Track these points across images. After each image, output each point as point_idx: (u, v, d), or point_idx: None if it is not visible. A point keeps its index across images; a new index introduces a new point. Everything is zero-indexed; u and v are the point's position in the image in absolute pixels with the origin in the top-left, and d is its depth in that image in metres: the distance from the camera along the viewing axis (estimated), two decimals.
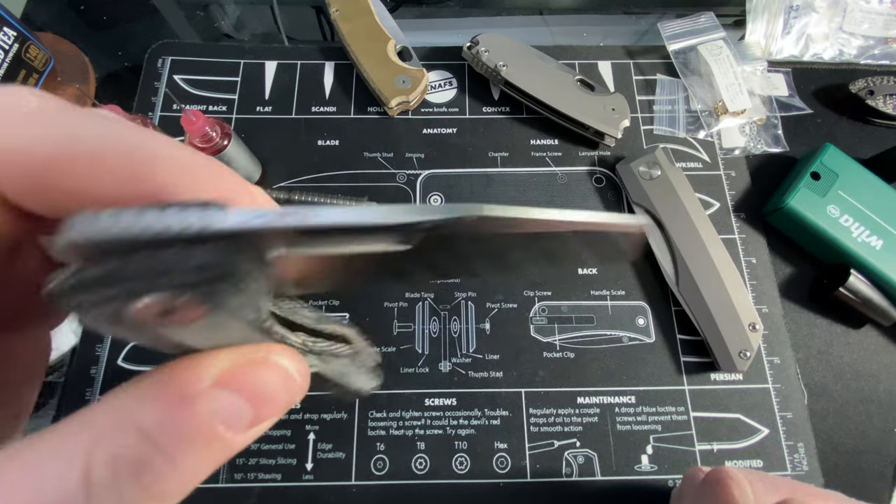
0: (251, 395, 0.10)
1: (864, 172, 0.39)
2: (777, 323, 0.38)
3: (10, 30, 0.37)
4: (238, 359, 0.10)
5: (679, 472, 0.34)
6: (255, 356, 0.10)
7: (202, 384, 0.09)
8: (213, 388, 0.09)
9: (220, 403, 0.09)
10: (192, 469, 0.09)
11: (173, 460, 0.09)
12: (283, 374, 0.11)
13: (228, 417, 0.09)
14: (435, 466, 0.34)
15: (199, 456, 0.09)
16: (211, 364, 0.10)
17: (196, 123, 0.34)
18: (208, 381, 0.09)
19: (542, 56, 0.43)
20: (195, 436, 0.09)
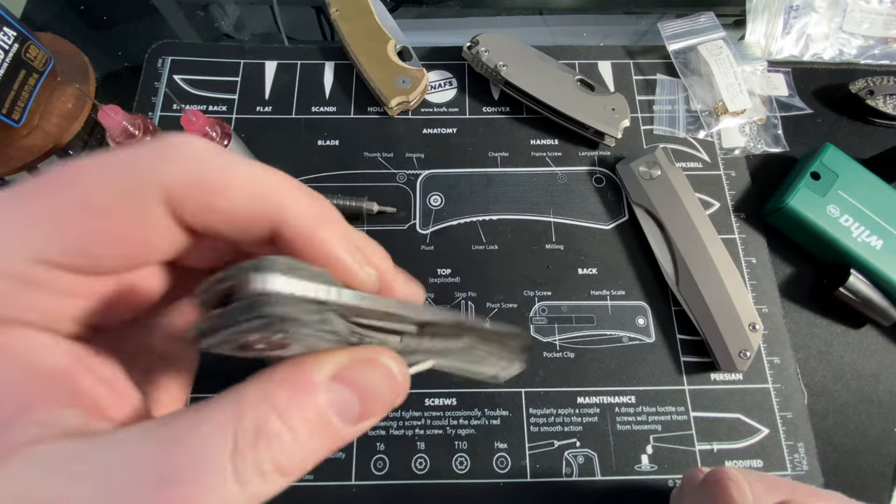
0: (361, 391, 0.12)
1: (864, 172, 0.39)
2: (777, 323, 0.38)
3: (10, 30, 0.37)
4: (351, 357, 0.12)
5: (679, 472, 0.34)
6: (365, 356, 0.12)
7: (322, 375, 0.11)
8: (330, 380, 0.11)
9: (335, 394, 0.11)
10: (310, 448, 0.11)
11: (298, 437, 0.11)
12: (388, 373, 0.12)
13: (341, 408, 0.11)
14: (435, 466, 0.34)
15: (315, 437, 0.11)
16: (329, 360, 0.12)
17: (196, 123, 0.34)
18: (327, 373, 0.11)
19: (542, 56, 0.43)
20: (314, 418, 0.11)
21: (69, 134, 0.42)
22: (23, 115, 0.39)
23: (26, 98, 0.39)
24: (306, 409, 0.11)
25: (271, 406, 0.10)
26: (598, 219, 0.41)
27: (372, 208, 0.39)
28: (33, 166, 0.42)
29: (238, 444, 0.10)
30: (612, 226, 0.40)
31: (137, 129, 0.34)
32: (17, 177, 0.42)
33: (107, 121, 0.33)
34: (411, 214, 0.40)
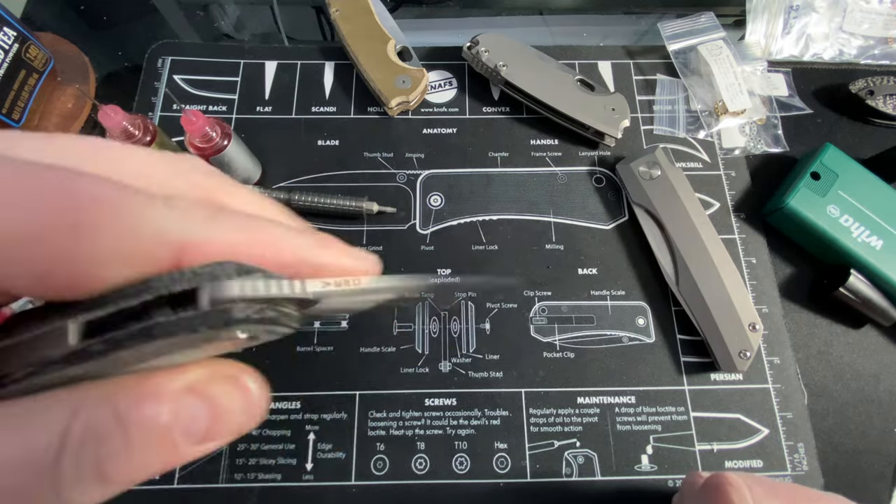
0: (213, 408, 0.10)
1: (864, 172, 0.39)
2: (777, 323, 0.38)
3: (10, 30, 0.37)
4: (211, 372, 0.11)
5: (679, 472, 0.34)
6: (227, 373, 0.11)
7: (175, 386, 0.10)
8: (183, 391, 0.10)
9: (182, 406, 0.10)
10: (139, 460, 0.10)
11: (129, 445, 0.09)
12: (247, 395, 0.11)
13: (186, 423, 0.10)
14: (435, 466, 0.34)
15: (149, 450, 0.10)
16: (189, 372, 0.10)
17: (196, 123, 0.34)
18: (181, 385, 0.10)
19: (542, 56, 0.43)
20: (152, 429, 0.10)
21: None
22: (23, 115, 0.39)
23: (26, 98, 0.39)
24: (147, 416, 0.10)
25: (111, 410, 0.09)
26: (598, 219, 0.41)
27: (372, 208, 0.39)
28: None
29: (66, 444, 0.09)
30: (612, 226, 0.40)
31: (137, 129, 0.34)
32: None
33: (107, 121, 0.33)
34: (411, 214, 0.40)
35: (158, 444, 0.10)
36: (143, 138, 0.35)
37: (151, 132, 0.35)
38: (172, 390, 0.10)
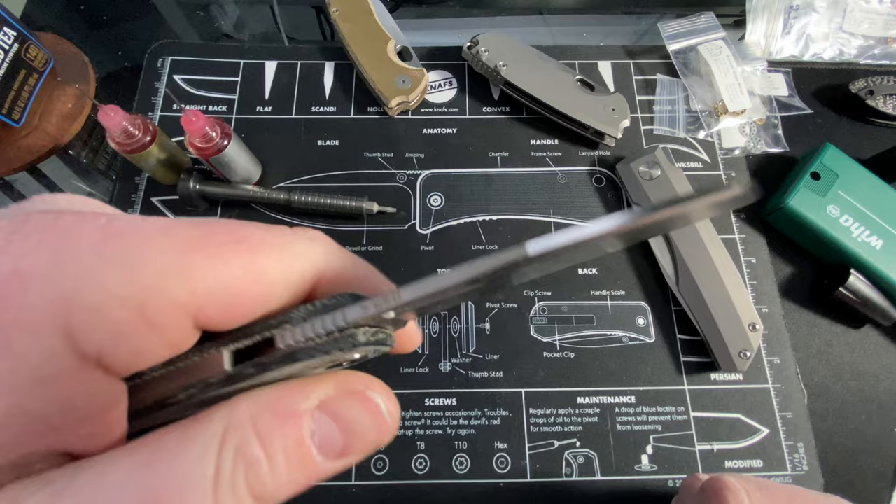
0: (344, 426, 0.11)
1: (864, 172, 0.39)
2: (777, 323, 0.38)
3: (10, 30, 0.37)
4: (340, 388, 0.11)
5: (679, 472, 0.34)
6: (354, 388, 0.12)
7: (308, 404, 0.11)
8: (316, 410, 0.11)
9: (319, 426, 0.11)
10: (286, 479, 0.10)
11: (276, 467, 0.10)
12: (376, 412, 0.12)
13: (323, 441, 0.11)
14: (435, 466, 0.34)
15: (294, 468, 0.10)
16: (317, 388, 0.11)
17: (196, 123, 0.34)
18: (314, 403, 0.11)
19: (542, 56, 0.43)
20: (295, 448, 0.10)
21: (69, 134, 0.42)
22: (23, 115, 0.39)
23: (26, 98, 0.39)
24: (289, 437, 0.10)
25: (255, 431, 0.10)
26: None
27: (372, 208, 0.39)
28: (33, 166, 0.42)
29: (220, 469, 0.10)
30: None
31: (137, 129, 0.34)
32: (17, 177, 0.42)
33: (107, 121, 0.33)
34: (411, 214, 0.40)
35: (301, 462, 0.10)
36: (143, 138, 0.35)
37: (151, 132, 0.35)
38: (307, 409, 0.11)
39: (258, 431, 0.10)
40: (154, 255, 0.10)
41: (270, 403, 0.11)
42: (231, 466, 0.10)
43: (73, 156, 0.43)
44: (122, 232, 0.10)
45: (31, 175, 0.42)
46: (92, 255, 0.09)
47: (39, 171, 0.43)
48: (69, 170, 0.43)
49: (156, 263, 0.10)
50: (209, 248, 0.11)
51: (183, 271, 0.10)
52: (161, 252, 0.10)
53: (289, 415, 0.10)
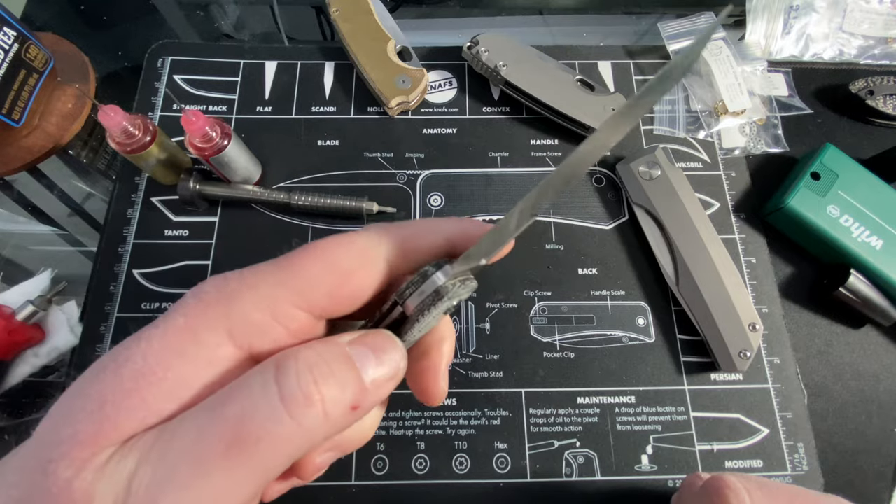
0: (371, 346, 0.15)
1: (864, 172, 0.39)
2: (777, 323, 0.38)
3: (10, 30, 0.37)
4: (364, 332, 0.16)
5: (679, 472, 0.34)
6: (373, 332, 0.16)
7: (344, 340, 0.15)
8: (350, 342, 0.15)
9: (353, 348, 0.15)
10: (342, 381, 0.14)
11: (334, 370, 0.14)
12: (390, 336, 0.16)
13: (359, 355, 0.15)
14: (435, 466, 0.34)
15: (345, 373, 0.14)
16: (348, 334, 0.16)
17: (196, 123, 0.34)
18: (346, 339, 0.16)
19: (542, 56, 0.43)
20: (342, 356, 0.15)
21: (69, 134, 0.42)
22: (23, 115, 0.39)
23: (26, 98, 0.39)
24: (332, 347, 0.15)
25: (305, 347, 0.14)
26: (598, 219, 0.41)
27: (372, 208, 0.39)
28: (33, 166, 0.42)
29: (280, 371, 0.13)
30: (612, 226, 0.40)
31: (137, 129, 0.34)
32: (17, 177, 0.42)
33: (107, 121, 0.33)
34: (411, 214, 0.40)
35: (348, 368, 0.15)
36: (143, 138, 0.35)
37: (151, 132, 0.35)
38: (346, 341, 0.15)
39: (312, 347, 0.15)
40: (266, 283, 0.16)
41: (312, 343, 0.15)
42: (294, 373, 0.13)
43: (73, 156, 0.43)
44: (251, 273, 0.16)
45: (31, 175, 0.42)
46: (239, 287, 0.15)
47: (39, 171, 0.43)
48: (69, 170, 0.43)
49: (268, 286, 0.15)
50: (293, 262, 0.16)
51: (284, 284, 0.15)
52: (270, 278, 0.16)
53: (331, 342, 0.15)
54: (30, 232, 0.42)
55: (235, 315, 0.15)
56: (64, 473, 0.12)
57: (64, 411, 0.14)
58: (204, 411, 0.13)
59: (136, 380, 0.13)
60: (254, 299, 0.15)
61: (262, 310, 0.15)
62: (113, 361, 0.14)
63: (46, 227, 0.42)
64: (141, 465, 0.12)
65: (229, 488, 0.12)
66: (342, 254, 0.16)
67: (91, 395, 0.13)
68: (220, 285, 0.15)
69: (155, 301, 0.37)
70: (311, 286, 0.16)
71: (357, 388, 0.14)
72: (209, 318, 0.15)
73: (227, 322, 0.15)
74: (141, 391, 0.13)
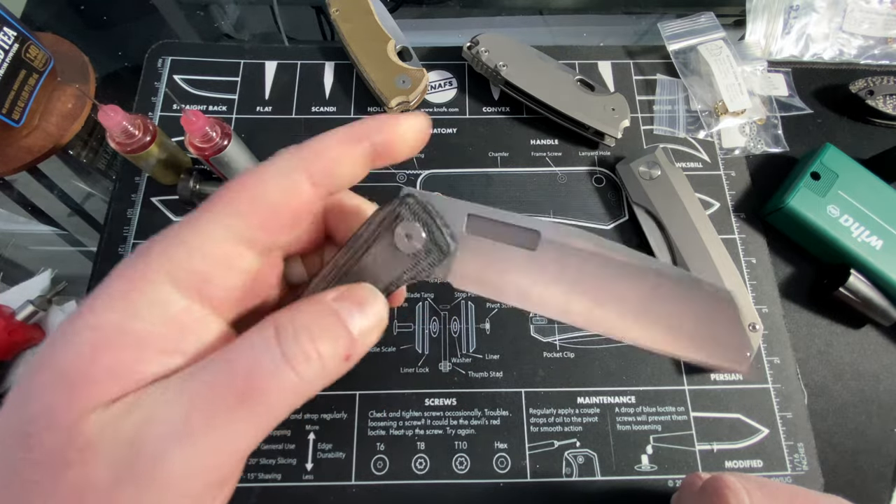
0: (353, 299, 0.16)
1: (864, 172, 0.39)
2: (777, 323, 0.38)
3: (10, 30, 0.37)
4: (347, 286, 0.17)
5: (679, 472, 0.34)
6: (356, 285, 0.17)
7: (331, 295, 0.16)
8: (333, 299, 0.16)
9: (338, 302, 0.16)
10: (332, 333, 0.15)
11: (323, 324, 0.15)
12: (371, 288, 0.17)
13: (343, 307, 0.16)
14: (435, 466, 0.34)
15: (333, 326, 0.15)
16: (332, 290, 0.17)
17: (196, 123, 0.34)
18: (334, 294, 0.16)
19: (542, 56, 0.43)
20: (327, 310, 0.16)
21: (69, 134, 0.42)
22: (23, 115, 0.39)
23: (26, 98, 0.39)
24: (320, 307, 0.16)
25: (296, 309, 0.15)
26: (598, 219, 0.41)
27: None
28: (33, 166, 0.42)
29: (279, 333, 0.14)
30: (612, 226, 0.40)
31: (137, 129, 0.34)
32: (17, 177, 0.42)
33: (107, 121, 0.33)
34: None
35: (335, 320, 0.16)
36: (143, 138, 0.35)
37: (151, 132, 0.35)
38: (331, 298, 0.16)
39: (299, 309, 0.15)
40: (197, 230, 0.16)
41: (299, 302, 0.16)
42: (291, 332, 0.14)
43: (73, 156, 0.43)
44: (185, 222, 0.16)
45: (31, 175, 0.42)
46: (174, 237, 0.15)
47: (39, 171, 0.43)
48: (69, 170, 0.43)
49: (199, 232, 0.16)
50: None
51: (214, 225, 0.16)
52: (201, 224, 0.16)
53: (315, 299, 0.16)
54: (30, 232, 0.42)
55: (175, 266, 0.15)
56: (49, 442, 0.13)
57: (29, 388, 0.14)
58: (210, 368, 0.14)
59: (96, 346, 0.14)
60: (188, 247, 0.15)
61: (199, 256, 0.15)
62: (69, 329, 0.14)
63: (46, 227, 0.42)
64: (145, 423, 0.13)
65: (238, 437, 0.14)
66: (261, 184, 0.17)
67: (54, 368, 0.13)
68: (157, 240, 0.15)
69: None
70: (242, 222, 0.15)
71: (348, 340, 0.15)
72: (151, 273, 0.14)
73: (169, 276, 0.14)
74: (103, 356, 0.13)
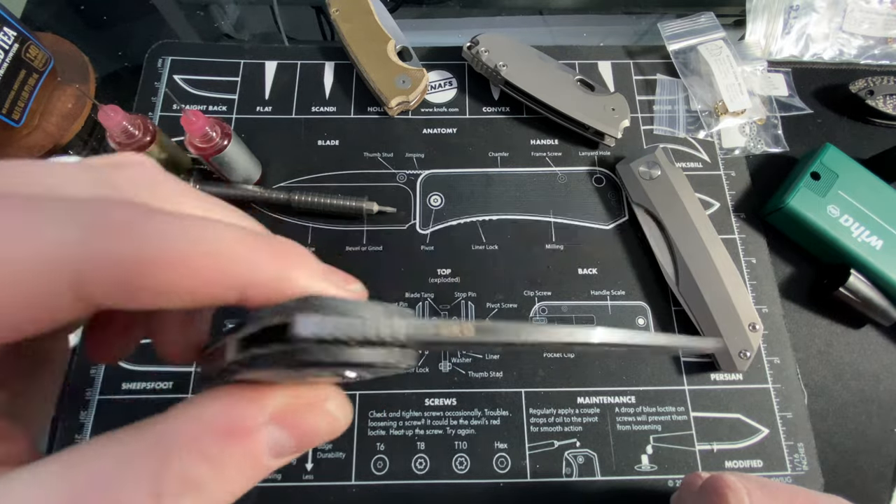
0: (299, 435, 0.11)
1: (864, 172, 0.39)
2: (777, 323, 0.38)
3: (10, 30, 0.37)
4: (293, 400, 0.11)
5: (679, 472, 0.34)
6: (310, 400, 0.11)
7: (261, 419, 0.11)
8: (270, 423, 0.11)
9: (272, 437, 0.11)
10: (239, 489, 0.10)
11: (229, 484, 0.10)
12: (331, 419, 0.12)
13: (275, 449, 0.11)
14: (435, 466, 0.34)
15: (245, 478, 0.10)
16: (270, 400, 0.11)
17: (196, 123, 0.34)
18: (266, 415, 0.11)
19: (542, 56, 0.43)
20: (249, 464, 0.10)
21: (69, 134, 0.42)
22: (23, 115, 0.39)
23: (26, 98, 0.39)
24: (242, 456, 0.10)
25: (202, 455, 0.10)
26: (598, 219, 0.41)
27: (372, 208, 0.39)
28: None
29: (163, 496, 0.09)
30: (612, 226, 0.40)
31: (137, 129, 0.34)
32: None
33: (107, 121, 0.33)
34: (411, 214, 0.40)
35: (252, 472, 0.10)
36: (143, 138, 0.35)
37: (151, 132, 0.35)
38: (259, 424, 0.10)
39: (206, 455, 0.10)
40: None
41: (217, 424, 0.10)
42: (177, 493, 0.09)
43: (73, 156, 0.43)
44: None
45: None
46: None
47: None
48: None
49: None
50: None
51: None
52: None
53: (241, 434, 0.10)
54: None
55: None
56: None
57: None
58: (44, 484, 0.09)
59: None
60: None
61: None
62: None
63: None
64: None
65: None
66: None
67: None
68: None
69: None
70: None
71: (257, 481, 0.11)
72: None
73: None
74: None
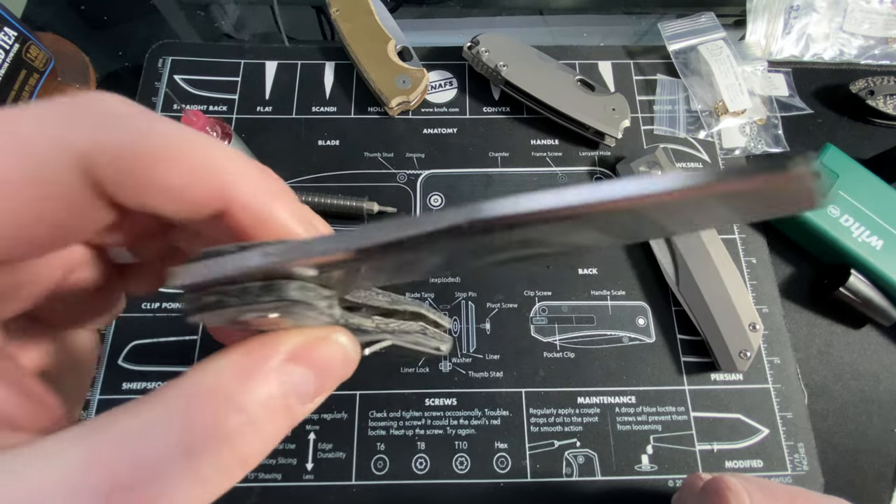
0: (317, 368, 0.11)
1: (864, 172, 0.39)
2: (777, 323, 0.38)
3: (11, 30, 0.37)
4: (306, 336, 0.11)
5: (679, 472, 0.34)
6: (319, 335, 0.12)
7: (277, 359, 0.11)
8: (286, 362, 0.11)
9: (293, 377, 0.11)
10: (271, 435, 0.10)
11: (261, 432, 0.10)
12: (342, 350, 0.12)
13: (297, 389, 0.11)
14: (435, 466, 0.34)
15: (276, 422, 0.10)
16: (283, 342, 0.11)
17: (196, 123, 0.34)
18: (282, 356, 0.11)
19: (543, 56, 0.43)
20: (278, 407, 0.10)
21: None
22: None
23: (27, 98, 0.39)
24: (266, 398, 0.10)
25: (227, 403, 0.10)
26: None
27: (372, 208, 0.39)
28: None
29: (193, 445, 0.09)
30: None
31: None
32: None
33: None
34: (412, 214, 0.40)
35: (281, 415, 0.10)
36: None
37: None
38: (276, 364, 0.11)
39: (230, 399, 0.10)
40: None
41: (235, 368, 0.10)
42: (211, 441, 0.09)
43: None
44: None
45: None
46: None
47: None
48: None
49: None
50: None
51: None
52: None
53: (260, 374, 0.10)
54: None
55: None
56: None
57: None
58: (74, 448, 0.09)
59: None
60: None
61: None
62: None
63: None
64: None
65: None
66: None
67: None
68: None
69: (155, 300, 0.37)
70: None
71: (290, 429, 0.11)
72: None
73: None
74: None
